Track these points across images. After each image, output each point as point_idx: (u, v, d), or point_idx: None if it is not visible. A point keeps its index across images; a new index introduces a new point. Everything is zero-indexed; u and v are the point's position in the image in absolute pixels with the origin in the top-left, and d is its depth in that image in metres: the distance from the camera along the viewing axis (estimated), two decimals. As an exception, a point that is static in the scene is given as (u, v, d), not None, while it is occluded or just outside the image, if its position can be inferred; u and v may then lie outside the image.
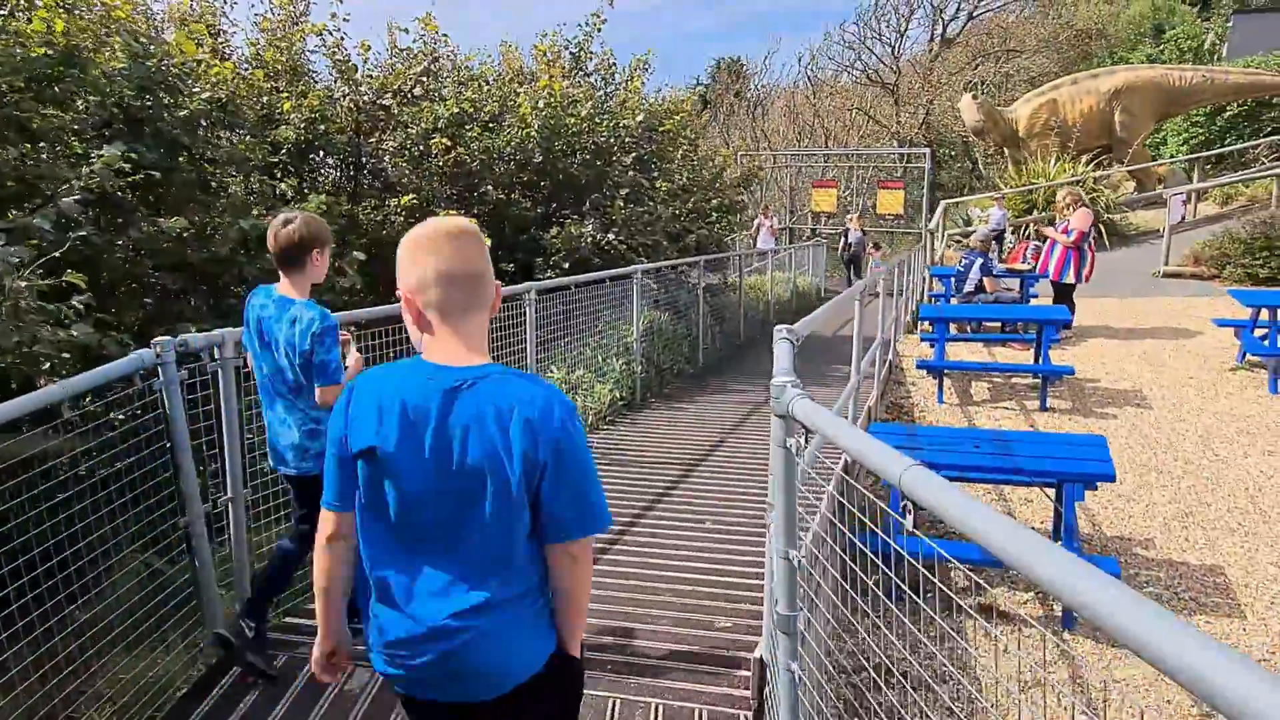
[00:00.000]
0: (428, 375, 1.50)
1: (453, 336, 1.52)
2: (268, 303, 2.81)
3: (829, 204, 22.98)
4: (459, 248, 1.52)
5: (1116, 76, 17.54)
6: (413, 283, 1.51)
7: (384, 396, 1.50)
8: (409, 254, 1.51)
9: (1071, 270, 10.29)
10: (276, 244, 2.75)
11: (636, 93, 9.72)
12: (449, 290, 1.50)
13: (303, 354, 2.72)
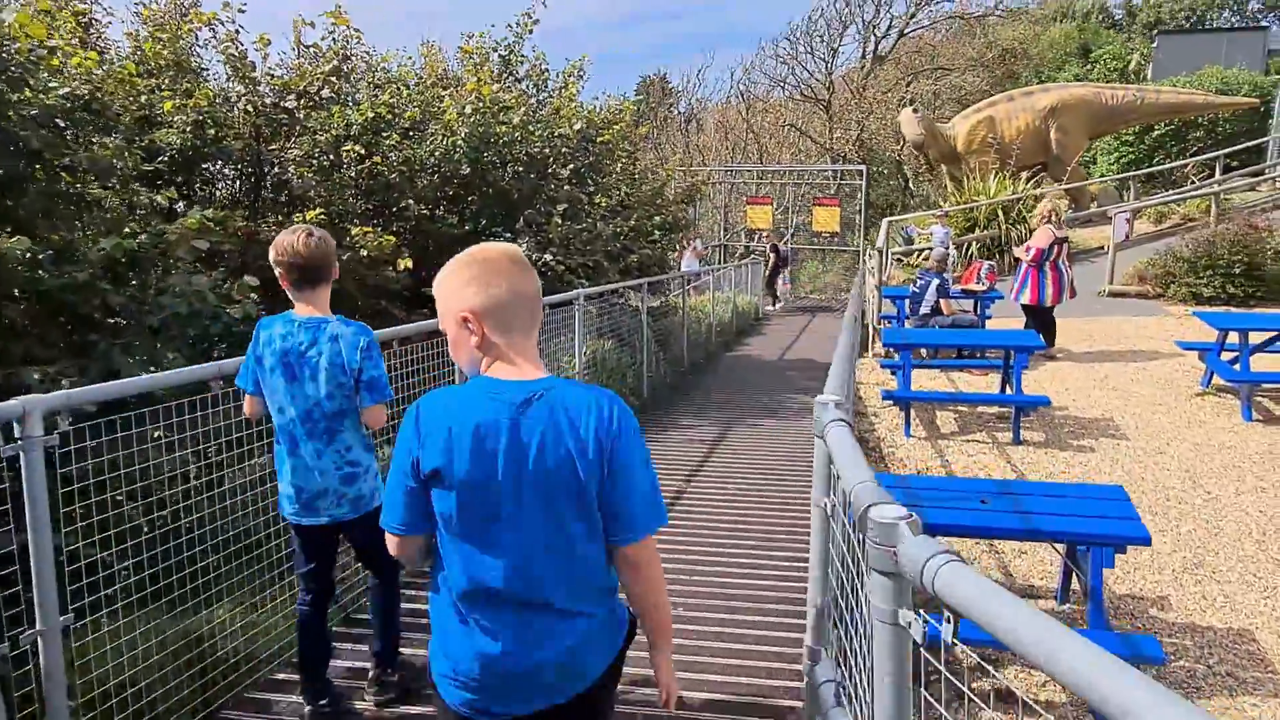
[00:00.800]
0: (495, 392, 1.55)
1: (519, 354, 1.59)
2: (292, 330, 2.60)
3: (764, 221, 22.65)
4: (524, 270, 1.61)
5: (1051, 94, 17.60)
6: (481, 304, 1.56)
7: (454, 417, 1.54)
8: (478, 276, 1.57)
9: (1029, 290, 9.94)
10: (302, 259, 2.54)
11: (572, 99, 8.99)
12: (519, 310, 1.58)
13: (353, 371, 2.59)
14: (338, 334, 2.59)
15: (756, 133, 25.09)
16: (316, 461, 2.64)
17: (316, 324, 2.60)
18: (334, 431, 2.64)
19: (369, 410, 2.65)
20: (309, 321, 2.59)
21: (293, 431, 2.64)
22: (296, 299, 2.64)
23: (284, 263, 2.58)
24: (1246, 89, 18.97)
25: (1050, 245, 9.73)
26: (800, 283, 23.36)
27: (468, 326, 1.57)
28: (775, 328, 16.29)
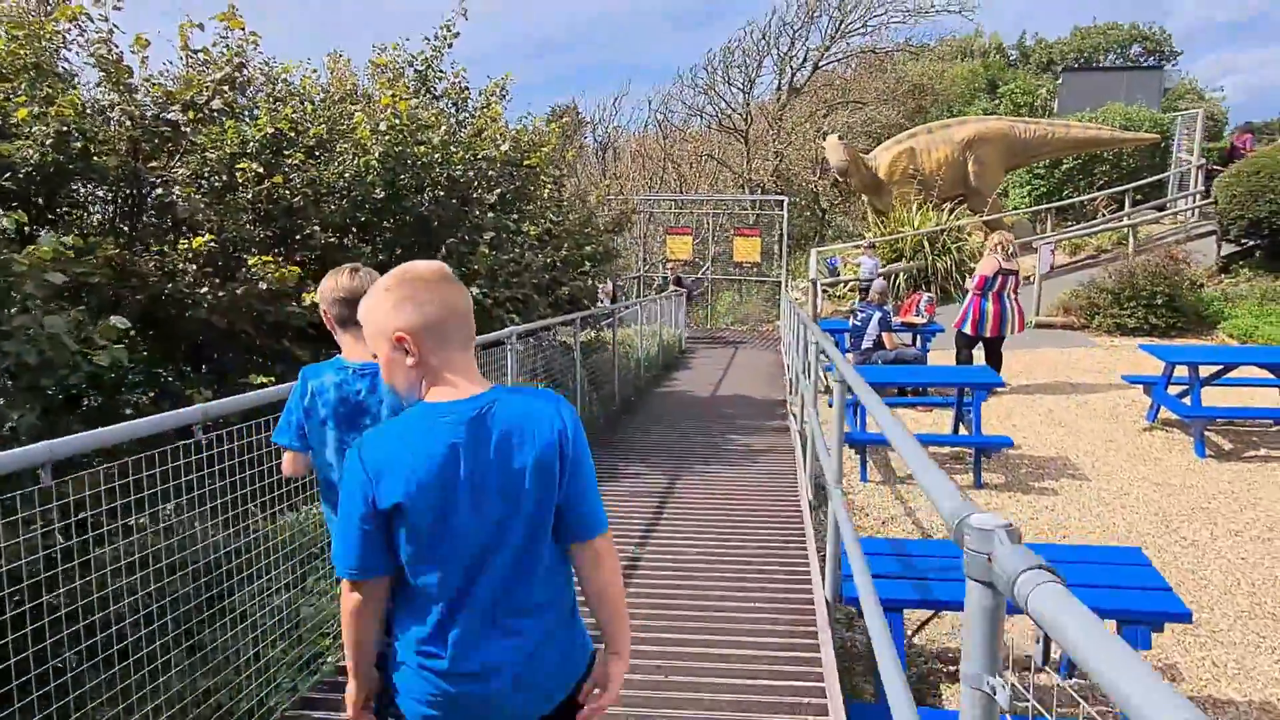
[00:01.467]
0: (443, 414, 1.54)
1: (458, 372, 1.58)
2: (347, 377, 2.36)
3: (685, 251, 22.33)
4: (455, 286, 1.60)
5: (968, 127, 17.84)
6: (415, 323, 1.54)
7: (406, 447, 1.52)
8: (410, 295, 1.54)
9: (969, 319, 9.71)
10: (349, 293, 2.35)
11: (497, 118, 8.33)
12: (455, 327, 1.57)
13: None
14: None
15: (676, 162, 24.85)
16: None
17: (375, 369, 2.28)
18: None
19: None
20: (365, 367, 2.36)
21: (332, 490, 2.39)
22: (345, 341, 2.43)
23: (332, 300, 2.40)
24: (1147, 125, 19.68)
25: (995, 275, 9.53)
26: (717, 313, 23.09)
27: (403, 347, 1.55)
28: (701, 361, 15.83)
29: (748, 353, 17.45)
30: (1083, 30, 43.88)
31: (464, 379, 1.58)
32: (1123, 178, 19.94)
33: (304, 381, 2.41)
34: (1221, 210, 14.96)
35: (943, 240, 15.38)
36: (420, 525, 1.51)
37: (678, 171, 24.72)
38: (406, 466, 1.50)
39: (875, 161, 17.47)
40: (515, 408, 1.56)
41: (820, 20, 23.53)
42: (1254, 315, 12.84)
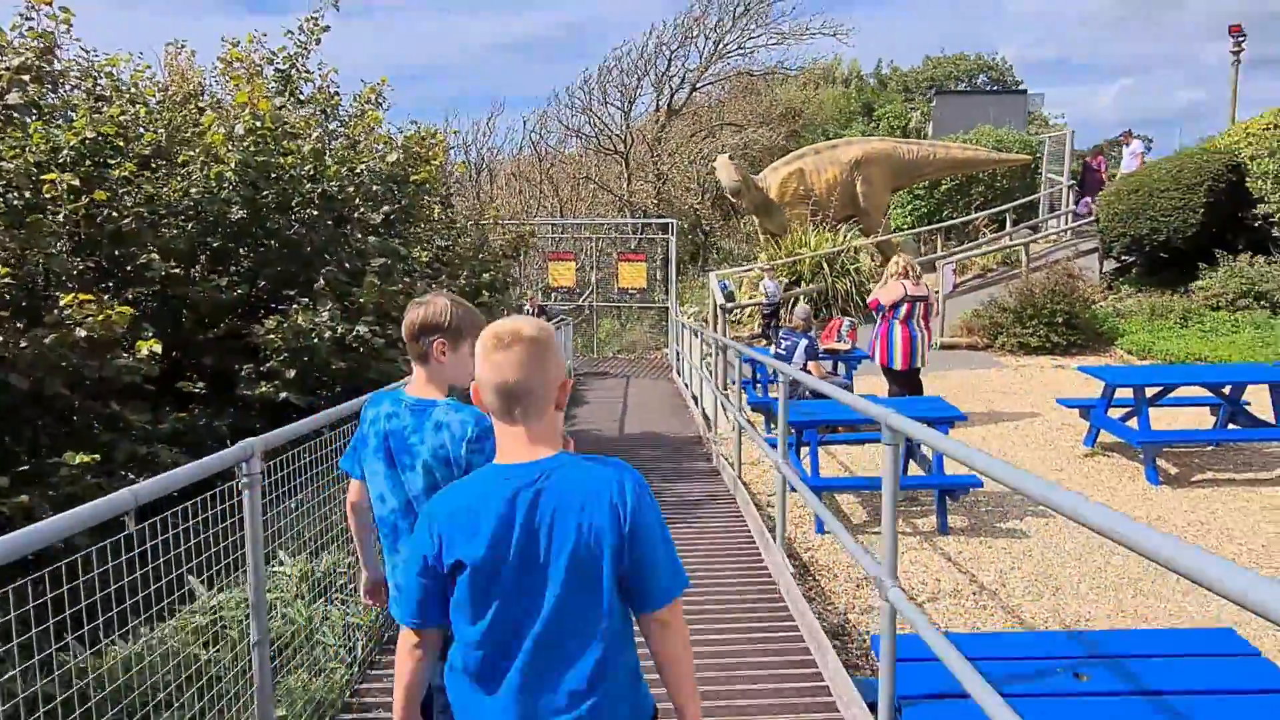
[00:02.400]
0: (505, 476, 1.57)
1: (527, 434, 1.58)
2: (398, 410, 2.29)
3: (568, 277, 21.40)
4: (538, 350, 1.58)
5: (854, 148, 17.76)
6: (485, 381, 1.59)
7: (467, 507, 1.57)
8: (485, 352, 1.59)
9: (878, 349, 9.19)
10: (410, 328, 2.29)
11: (377, 123, 7.17)
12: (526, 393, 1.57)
13: (459, 466, 2.19)
14: (443, 422, 2.24)
15: (554, 184, 23.92)
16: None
17: (424, 407, 2.28)
18: None
19: None
20: (417, 404, 2.28)
21: (395, 523, 2.33)
22: (414, 374, 2.35)
23: (405, 332, 2.32)
24: (1018, 146, 20.25)
25: (900, 301, 9.03)
26: (600, 342, 22.25)
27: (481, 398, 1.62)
28: (595, 395, 14.89)
29: (641, 384, 16.64)
30: (934, 60, 46.07)
31: (533, 441, 1.59)
32: (998, 198, 20.42)
33: (365, 408, 2.40)
34: (1104, 228, 15.31)
35: (841, 262, 15.06)
36: (475, 585, 1.56)
37: (556, 195, 23.80)
38: (467, 527, 1.56)
39: (765, 182, 17.09)
40: (574, 478, 1.58)
41: (698, 40, 23.27)
42: (1147, 331, 13.02)
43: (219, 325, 5.70)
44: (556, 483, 1.55)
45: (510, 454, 1.59)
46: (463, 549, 1.54)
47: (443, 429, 2.26)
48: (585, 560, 1.54)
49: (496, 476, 1.58)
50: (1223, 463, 7.89)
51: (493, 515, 1.54)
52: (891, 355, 9.13)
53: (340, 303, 5.89)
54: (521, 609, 1.55)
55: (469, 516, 1.55)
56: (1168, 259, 14.54)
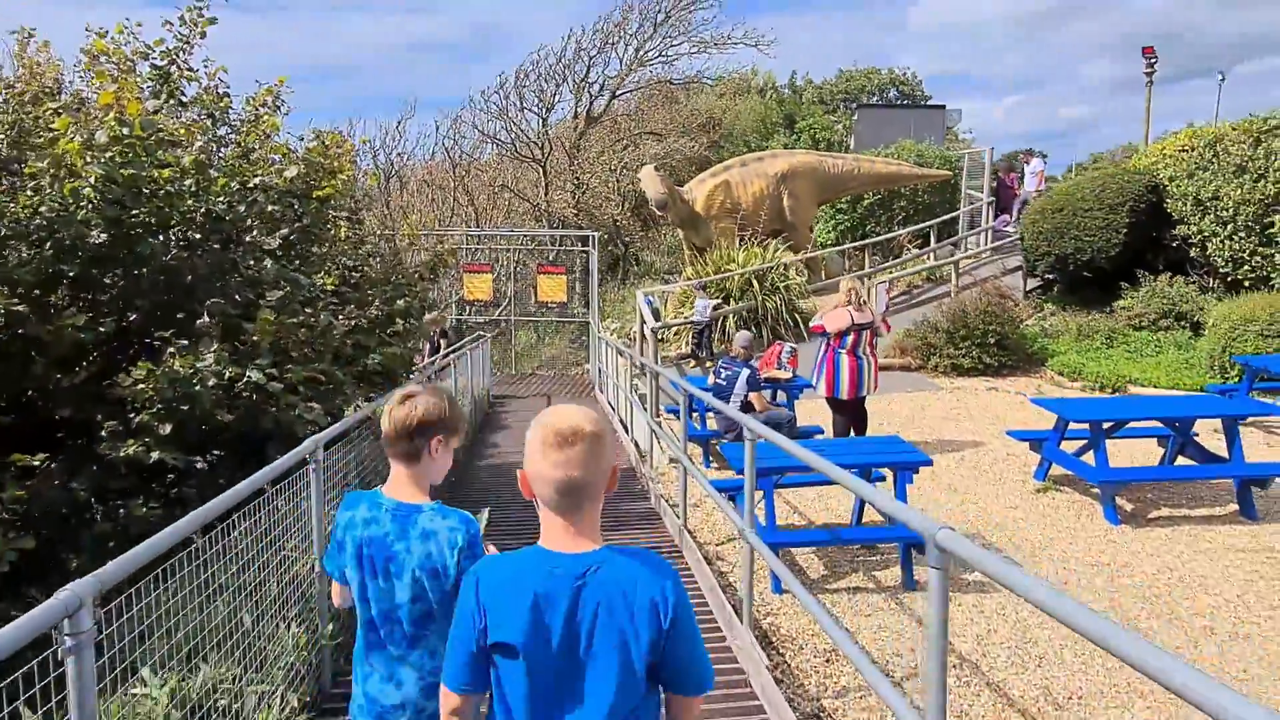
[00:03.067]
0: (553, 565, 1.62)
1: (574, 526, 1.65)
2: (377, 515, 2.20)
3: (484, 291, 20.50)
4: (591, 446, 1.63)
5: (780, 160, 17.46)
6: (535, 473, 1.65)
7: (514, 588, 1.62)
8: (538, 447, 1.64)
9: (823, 380, 8.75)
10: (393, 427, 2.19)
11: (275, 130, 6.31)
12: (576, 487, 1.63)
13: (449, 576, 2.12)
14: (432, 530, 2.16)
15: (469, 193, 22.96)
16: (396, 669, 2.23)
17: (408, 513, 2.19)
18: (418, 637, 2.21)
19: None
20: (400, 509, 2.19)
21: (368, 635, 2.25)
22: (392, 474, 2.25)
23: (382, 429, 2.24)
24: (938, 162, 20.33)
25: (846, 330, 8.61)
26: (517, 356, 21.43)
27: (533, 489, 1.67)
28: (516, 417, 14.11)
29: (564, 403, 15.87)
30: (847, 72, 46.72)
31: (579, 534, 1.65)
32: (919, 213, 20.45)
33: (341, 509, 2.29)
34: (1028, 246, 15.33)
35: (770, 279, 14.66)
36: (517, 667, 1.61)
37: (472, 203, 22.84)
38: (512, 609, 1.60)
39: (691, 195, 16.62)
40: (619, 574, 1.61)
41: (618, 47, 22.69)
42: (1076, 352, 13.00)
43: (78, 369, 4.78)
44: (601, 579, 1.61)
45: (556, 542, 1.66)
46: (506, 631, 1.60)
47: (431, 537, 2.15)
48: (625, 656, 1.60)
49: (544, 564, 1.63)
50: (1175, 497, 7.67)
51: (538, 603, 1.60)
52: (838, 386, 8.70)
53: (229, 341, 5.04)
54: (561, 694, 1.62)
55: (514, 598, 1.61)
56: (1090, 278, 14.63)
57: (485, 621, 1.62)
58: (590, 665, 1.60)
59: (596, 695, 1.61)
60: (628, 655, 1.60)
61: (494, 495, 8.55)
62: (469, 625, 1.64)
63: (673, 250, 24.08)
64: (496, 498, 8.47)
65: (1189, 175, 13.75)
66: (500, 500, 8.27)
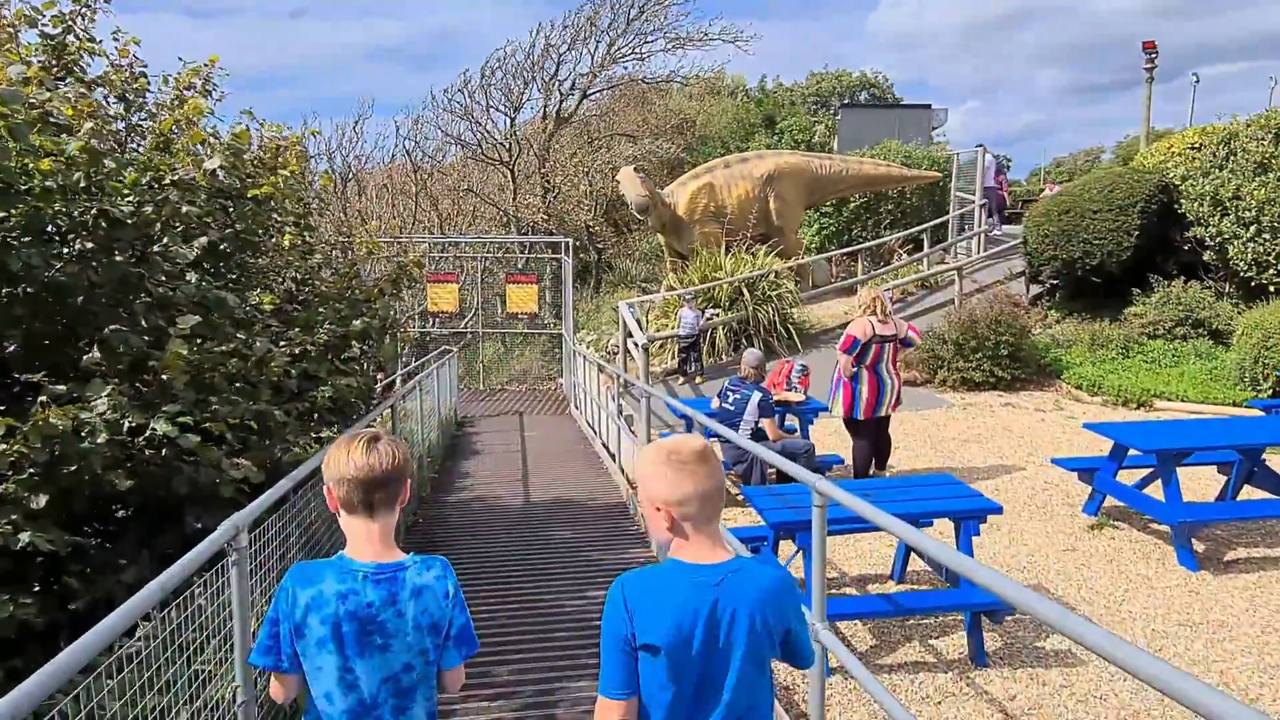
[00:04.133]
0: (691, 574, 1.85)
1: (705, 538, 1.88)
2: (354, 586, 1.97)
3: (450, 302, 19.36)
4: (708, 468, 1.87)
5: (766, 161, 16.55)
6: (670, 498, 1.85)
7: (659, 595, 1.83)
8: (665, 475, 1.86)
9: (840, 399, 7.82)
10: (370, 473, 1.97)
11: (192, 121, 5.20)
12: (704, 505, 1.86)
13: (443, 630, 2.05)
14: (422, 585, 2.02)
15: (434, 197, 21.77)
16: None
17: (391, 573, 2.00)
18: (400, 710, 2.03)
19: (455, 671, 2.12)
20: (380, 571, 1.98)
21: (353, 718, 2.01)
22: (353, 531, 2.02)
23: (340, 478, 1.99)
24: (926, 163, 19.58)
25: (869, 342, 7.68)
26: (486, 370, 20.31)
27: (659, 513, 1.87)
28: (488, 440, 13.02)
29: (538, 423, 14.86)
30: (818, 75, 46.16)
31: (710, 545, 1.88)
32: (906, 217, 19.67)
33: (291, 589, 1.99)
34: (1032, 251, 14.55)
35: (762, 287, 13.71)
36: (663, 663, 1.80)
37: (435, 209, 21.66)
38: (658, 614, 1.80)
39: (673, 198, 15.64)
40: (750, 579, 1.85)
41: (589, 43, 21.67)
42: (1092, 363, 12.19)
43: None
44: (735, 583, 1.84)
45: (696, 555, 1.87)
46: (654, 634, 1.79)
47: (425, 593, 2.04)
48: (758, 647, 1.85)
49: (687, 575, 1.85)
50: (1250, 534, 6.80)
51: (685, 608, 1.80)
52: (856, 405, 7.75)
53: (131, 381, 3.93)
54: (701, 689, 1.83)
55: (662, 605, 1.81)
56: (1097, 283, 13.87)
57: (634, 626, 1.81)
58: (732, 660, 1.82)
59: (731, 688, 1.83)
60: (763, 647, 1.86)
61: (472, 536, 7.48)
62: (621, 631, 1.82)
63: (648, 257, 23.11)
64: (473, 538, 7.40)
65: (1204, 174, 13.03)
66: (477, 542, 7.19)
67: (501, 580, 6.24)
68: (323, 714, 2.01)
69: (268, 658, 2.01)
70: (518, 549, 7.03)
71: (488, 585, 6.13)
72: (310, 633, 1.96)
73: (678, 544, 1.88)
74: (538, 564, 6.61)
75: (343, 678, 1.98)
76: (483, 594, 5.93)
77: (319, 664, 1.98)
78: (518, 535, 7.48)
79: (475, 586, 6.08)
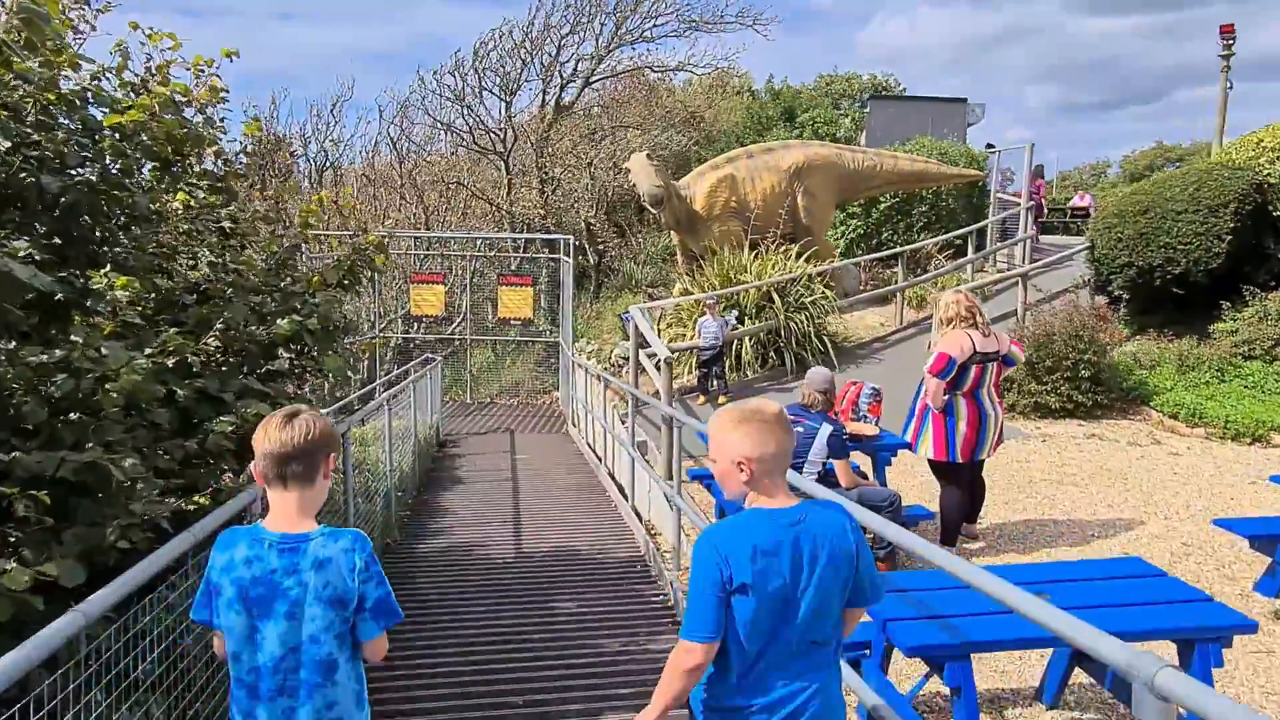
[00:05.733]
0: (771, 518, 2.09)
1: (778, 488, 2.14)
2: (259, 553, 2.09)
3: (435, 305, 17.64)
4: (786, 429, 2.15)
5: (793, 152, 14.87)
6: (755, 454, 2.09)
7: (749, 538, 2.06)
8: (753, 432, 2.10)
9: (930, 436, 6.16)
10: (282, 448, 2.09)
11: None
12: (781, 460, 2.14)
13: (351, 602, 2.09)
14: (325, 557, 2.09)
15: (418, 189, 20.04)
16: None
17: (295, 543, 2.10)
18: (314, 687, 2.10)
19: (374, 642, 2.18)
20: (284, 541, 2.09)
21: (254, 685, 2.10)
22: (273, 504, 2.15)
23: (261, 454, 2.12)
24: (964, 161, 17.97)
25: (966, 362, 6.01)
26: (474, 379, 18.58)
27: (740, 468, 2.11)
28: (472, 465, 11.28)
29: (532, 441, 13.15)
30: (827, 78, 44.67)
31: (783, 493, 2.14)
32: (942, 220, 18.04)
33: (215, 550, 2.17)
34: (1102, 257, 12.90)
35: (795, 292, 12.02)
36: (755, 599, 2.03)
37: (421, 202, 19.94)
38: (750, 553, 2.03)
39: (689, 191, 13.95)
40: (821, 518, 2.12)
41: (594, 24, 20.01)
42: (1184, 388, 10.53)
43: None
44: (811, 523, 2.09)
45: (773, 502, 2.12)
46: (750, 570, 2.02)
47: (328, 565, 2.09)
48: (836, 576, 2.08)
49: (770, 517, 2.09)
50: None
51: (772, 546, 2.04)
52: (952, 445, 6.06)
53: None
54: (788, 613, 2.06)
55: (752, 545, 2.04)
56: (1180, 295, 12.23)
57: (729, 570, 2.02)
58: (812, 593, 2.05)
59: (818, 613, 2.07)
60: (837, 581, 2.08)
61: (446, 610, 5.74)
62: (715, 576, 2.03)
63: (654, 260, 21.42)
64: (447, 614, 5.67)
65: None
66: (451, 622, 5.46)
67: (488, 695, 4.49)
68: (235, 672, 2.13)
69: (202, 612, 2.17)
70: (507, 633, 5.29)
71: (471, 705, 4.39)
72: (224, 592, 2.09)
73: (754, 496, 2.13)
74: (536, 661, 4.87)
75: (250, 637, 2.09)
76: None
77: (229, 623, 2.10)
78: (507, 610, 5.73)
79: (451, 705, 4.34)
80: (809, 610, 2.05)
